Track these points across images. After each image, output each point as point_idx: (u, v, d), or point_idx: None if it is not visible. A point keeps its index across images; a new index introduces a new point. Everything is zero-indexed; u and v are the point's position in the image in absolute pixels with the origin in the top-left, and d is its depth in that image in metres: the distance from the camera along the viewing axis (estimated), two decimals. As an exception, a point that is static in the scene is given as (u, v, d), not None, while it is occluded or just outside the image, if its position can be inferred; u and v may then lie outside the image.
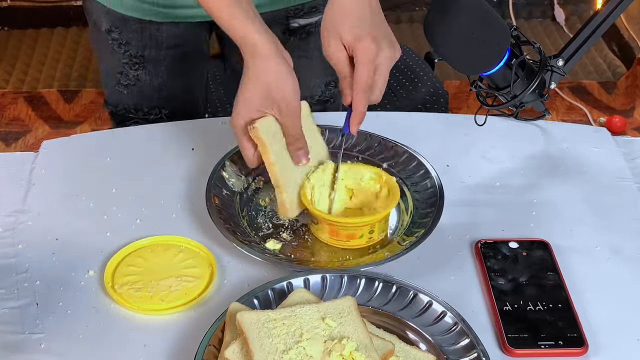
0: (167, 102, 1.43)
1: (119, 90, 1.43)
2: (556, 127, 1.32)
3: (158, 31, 1.35)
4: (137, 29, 1.35)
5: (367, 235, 1.05)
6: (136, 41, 1.36)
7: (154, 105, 1.43)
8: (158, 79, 1.40)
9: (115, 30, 1.36)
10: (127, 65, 1.39)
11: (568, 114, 2.82)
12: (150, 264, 1.03)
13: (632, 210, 1.14)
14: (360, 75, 1.02)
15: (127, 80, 1.41)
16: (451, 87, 2.77)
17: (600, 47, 3.10)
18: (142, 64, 1.38)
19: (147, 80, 1.40)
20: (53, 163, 1.20)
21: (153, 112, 1.44)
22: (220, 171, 1.13)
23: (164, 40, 1.37)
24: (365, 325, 0.88)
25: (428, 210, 1.09)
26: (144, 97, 1.42)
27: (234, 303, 0.92)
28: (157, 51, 1.38)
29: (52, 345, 0.93)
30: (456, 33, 1.04)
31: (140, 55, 1.38)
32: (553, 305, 0.98)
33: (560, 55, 1.16)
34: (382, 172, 1.10)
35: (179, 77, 1.42)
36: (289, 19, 1.34)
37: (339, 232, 1.04)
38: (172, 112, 1.44)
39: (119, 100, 1.44)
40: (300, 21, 1.34)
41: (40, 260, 1.04)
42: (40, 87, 2.90)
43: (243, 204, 1.12)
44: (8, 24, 3.19)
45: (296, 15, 1.34)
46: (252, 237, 1.07)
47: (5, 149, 2.63)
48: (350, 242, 1.05)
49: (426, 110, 1.90)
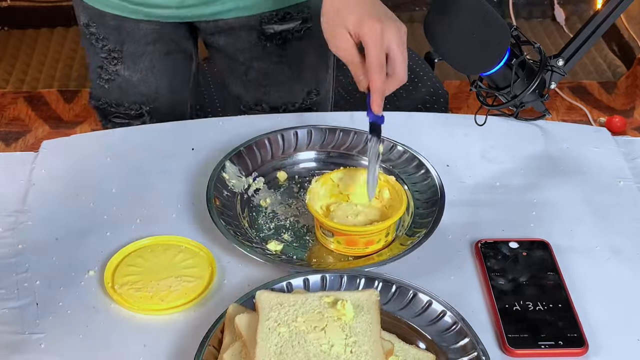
0: (148, 99, 1.43)
1: (100, 84, 1.43)
2: (556, 127, 1.32)
3: (136, 28, 1.35)
4: (113, 25, 1.35)
5: (384, 238, 1.05)
6: (113, 36, 1.36)
7: (134, 100, 1.43)
8: (137, 74, 1.40)
9: (92, 25, 1.37)
10: (106, 60, 1.39)
11: (568, 114, 2.82)
12: (150, 264, 1.03)
13: (632, 210, 1.14)
14: (371, 55, 1.01)
15: (107, 75, 1.41)
16: (451, 87, 2.77)
17: (600, 47, 3.10)
18: (121, 58, 1.38)
19: (126, 75, 1.40)
20: (53, 163, 1.20)
21: (134, 108, 1.43)
22: (221, 172, 1.13)
23: (142, 36, 1.36)
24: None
25: (429, 210, 1.09)
26: (123, 93, 1.42)
27: (233, 304, 0.92)
28: (136, 47, 1.37)
29: (52, 345, 0.93)
30: (456, 33, 1.04)
31: (118, 50, 1.37)
32: (553, 305, 0.98)
33: (560, 55, 1.16)
34: (380, 173, 1.09)
35: (160, 74, 1.41)
36: (263, 25, 1.33)
37: (357, 241, 1.04)
38: (154, 109, 1.44)
39: (101, 95, 1.45)
40: (275, 27, 1.33)
41: (40, 260, 1.04)
42: (40, 87, 2.90)
43: (244, 205, 1.12)
44: (8, 24, 3.20)
45: (270, 22, 1.32)
46: (253, 238, 1.07)
47: (5, 149, 2.63)
48: (369, 248, 1.04)
49: (426, 110, 1.90)
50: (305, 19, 1.34)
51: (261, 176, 1.16)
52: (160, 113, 1.44)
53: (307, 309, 0.87)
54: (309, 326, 0.85)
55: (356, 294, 0.90)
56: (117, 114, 1.45)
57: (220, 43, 1.38)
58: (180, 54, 1.42)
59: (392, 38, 1.02)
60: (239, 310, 0.90)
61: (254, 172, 1.16)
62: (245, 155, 1.16)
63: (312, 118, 1.31)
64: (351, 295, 0.89)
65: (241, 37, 1.34)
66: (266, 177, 1.16)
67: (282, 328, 0.85)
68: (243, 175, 1.15)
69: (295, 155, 1.19)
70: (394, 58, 1.02)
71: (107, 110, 1.45)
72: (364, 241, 1.04)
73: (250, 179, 1.15)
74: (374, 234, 1.03)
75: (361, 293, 0.90)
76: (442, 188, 1.10)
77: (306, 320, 0.86)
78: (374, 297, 0.90)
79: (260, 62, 1.37)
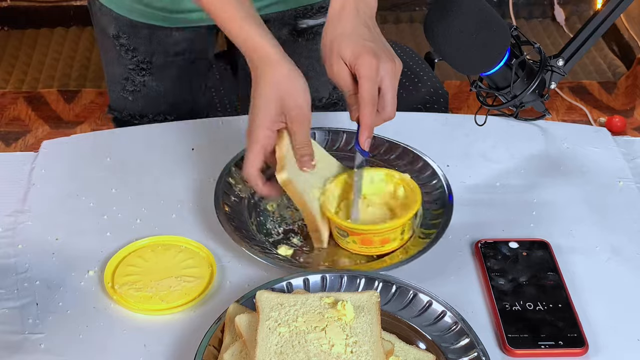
0: (172, 107, 1.43)
1: (124, 96, 1.42)
2: (556, 127, 1.32)
3: (167, 37, 1.35)
4: (145, 35, 1.35)
5: (400, 236, 1.04)
6: (144, 47, 1.36)
7: (159, 111, 1.42)
8: (164, 85, 1.40)
9: (123, 36, 1.36)
10: (134, 71, 1.39)
11: (568, 114, 2.82)
12: (150, 264, 1.03)
13: (632, 210, 1.14)
14: (363, 89, 1.01)
15: (133, 86, 1.41)
16: (451, 87, 2.77)
17: (600, 47, 3.10)
18: (149, 69, 1.38)
19: (153, 86, 1.40)
20: (53, 163, 1.20)
21: (158, 119, 1.43)
22: (227, 177, 1.12)
23: (172, 46, 1.36)
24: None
25: (438, 212, 1.08)
26: (148, 103, 1.42)
27: (233, 304, 0.92)
28: (165, 57, 1.37)
29: (52, 345, 0.93)
30: (456, 33, 1.04)
31: (147, 61, 1.37)
32: (553, 305, 0.98)
33: (560, 55, 1.16)
34: (393, 171, 1.09)
35: (184, 82, 1.42)
36: (297, 19, 1.33)
37: (372, 240, 1.03)
38: (177, 119, 1.42)
39: (123, 106, 1.44)
40: (309, 22, 1.33)
41: (40, 260, 1.04)
42: (40, 87, 2.90)
43: (251, 210, 1.11)
44: (8, 24, 3.20)
45: (305, 16, 1.33)
46: (264, 244, 1.06)
47: (5, 149, 2.63)
48: (385, 247, 1.04)
49: (426, 110, 1.90)
50: None
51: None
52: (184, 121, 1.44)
53: (307, 309, 0.87)
54: (310, 326, 0.85)
55: (357, 295, 0.90)
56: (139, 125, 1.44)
57: None
58: (203, 61, 1.43)
59: (385, 74, 1.02)
60: (239, 310, 0.90)
61: None
62: None
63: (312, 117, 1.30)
64: (352, 296, 0.89)
65: (273, 34, 1.34)
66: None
67: (282, 328, 0.85)
68: None
69: None
70: (385, 94, 1.03)
71: (130, 122, 1.44)
72: (379, 239, 1.03)
73: None
74: (388, 231, 1.03)
75: (361, 294, 0.90)
76: (449, 187, 1.10)
77: (307, 321, 0.86)
78: (374, 298, 0.90)
79: (291, 58, 1.37)
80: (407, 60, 2.05)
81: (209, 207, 1.11)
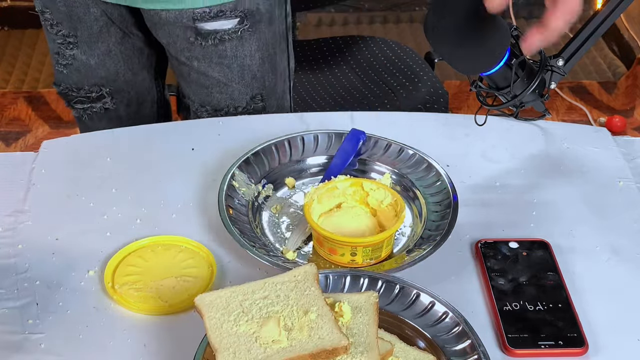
0: (108, 80, 1.45)
1: (59, 70, 1.46)
2: (556, 127, 1.32)
3: (86, 12, 1.36)
4: (65, 11, 1.36)
5: (349, 256, 1.02)
6: (66, 22, 1.38)
7: (93, 82, 1.45)
8: (94, 58, 1.42)
9: (46, 11, 1.38)
10: (63, 45, 1.41)
11: (568, 114, 2.82)
12: (150, 264, 1.03)
13: (632, 210, 1.14)
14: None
15: (65, 60, 1.43)
16: (451, 87, 2.77)
17: (600, 47, 3.10)
18: (76, 43, 1.40)
19: (83, 59, 1.42)
20: (53, 163, 1.20)
21: (94, 90, 1.45)
22: (231, 180, 1.12)
23: (93, 21, 1.37)
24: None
25: (443, 212, 1.08)
26: (82, 76, 1.44)
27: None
28: (89, 32, 1.38)
29: (52, 345, 0.93)
30: (456, 33, 1.04)
31: (72, 35, 1.39)
32: (553, 305, 0.98)
33: (560, 55, 1.16)
34: (400, 200, 1.06)
35: (118, 57, 1.43)
36: (196, 22, 1.31)
37: (323, 244, 1.04)
38: (115, 90, 1.46)
39: (61, 80, 1.47)
40: (206, 26, 1.32)
41: (40, 260, 1.04)
42: (40, 87, 2.90)
43: (255, 213, 1.11)
44: (8, 24, 3.20)
45: (203, 19, 1.31)
46: (270, 247, 1.06)
47: (5, 149, 2.63)
48: (332, 256, 1.03)
49: (426, 110, 1.90)
50: (242, 19, 1.32)
51: (270, 183, 1.15)
52: (122, 93, 1.46)
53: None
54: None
55: (355, 296, 0.90)
56: (78, 99, 1.47)
57: (162, 40, 1.38)
58: (136, 38, 1.43)
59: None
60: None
61: (263, 179, 1.15)
62: (252, 163, 1.15)
63: (312, 117, 1.30)
64: (350, 298, 0.89)
65: (178, 35, 1.34)
66: (275, 184, 1.16)
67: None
68: (252, 183, 1.14)
69: (303, 161, 1.19)
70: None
71: (70, 95, 1.47)
72: (328, 246, 1.03)
73: (260, 187, 1.14)
74: (334, 242, 1.02)
75: (360, 295, 0.90)
76: (454, 188, 1.10)
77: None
78: (372, 298, 0.89)
79: (200, 62, 1.37)
80: (407, 60, 2.05)
81: (209, 207, 1.11)
